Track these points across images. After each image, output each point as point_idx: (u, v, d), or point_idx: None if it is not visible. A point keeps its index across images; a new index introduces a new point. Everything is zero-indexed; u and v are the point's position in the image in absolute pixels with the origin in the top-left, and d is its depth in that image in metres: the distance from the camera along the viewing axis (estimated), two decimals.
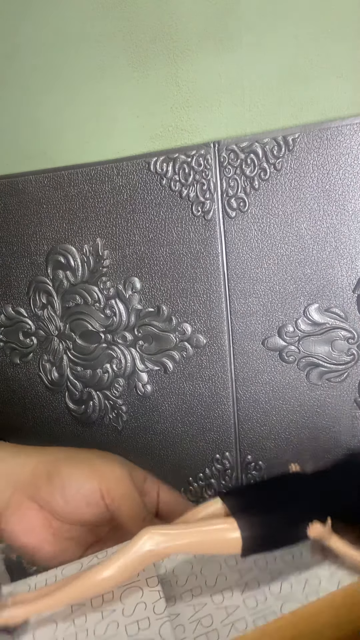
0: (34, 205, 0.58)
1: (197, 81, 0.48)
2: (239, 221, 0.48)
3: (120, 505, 0.33)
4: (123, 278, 0.55)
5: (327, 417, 0.49)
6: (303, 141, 0.44)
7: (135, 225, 0.53)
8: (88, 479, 0.33)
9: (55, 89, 0.55)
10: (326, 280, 0.46)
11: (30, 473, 0.34)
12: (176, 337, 0.54)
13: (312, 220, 0.45)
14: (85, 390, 0.62)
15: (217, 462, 0.56)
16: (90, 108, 0.54)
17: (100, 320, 0.58)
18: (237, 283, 0.50)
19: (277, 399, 0.51)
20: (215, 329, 0.52)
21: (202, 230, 0.50)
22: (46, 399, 0.65)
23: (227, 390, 0.53)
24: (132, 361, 0.58)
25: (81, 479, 0.33)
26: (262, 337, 0.50)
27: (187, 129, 0.50)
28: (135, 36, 0.50)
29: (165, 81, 0.50)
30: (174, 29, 0.48)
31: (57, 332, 0.62)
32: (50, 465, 0.34)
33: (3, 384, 0.68)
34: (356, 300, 0.45)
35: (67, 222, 0.57)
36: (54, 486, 0.33)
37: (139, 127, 0.52)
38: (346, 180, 0.43)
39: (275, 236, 0.47)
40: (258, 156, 0.46)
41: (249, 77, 0.46)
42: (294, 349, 0.49)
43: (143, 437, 0.60)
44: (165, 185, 0.50)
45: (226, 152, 0.47)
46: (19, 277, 0.62)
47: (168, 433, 0.58)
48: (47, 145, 0.58)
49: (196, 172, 0.48)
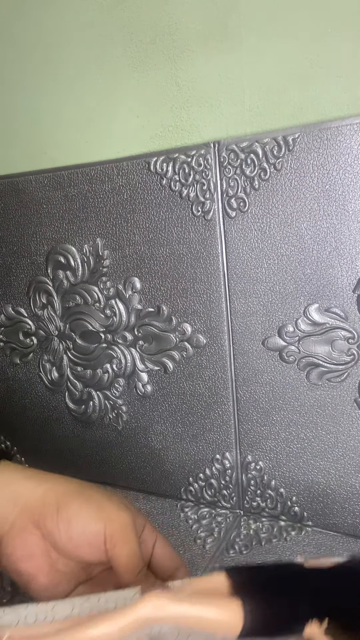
0: (34, 205, 0.58)
1: (197, 81, 0.48)
2: (239, 221, 0.48)
3: (120, 553, 0.33)
4: (123, 278, 0.55)
5: (327, 417, 0.49)
6: (303, 141, 0.44)
7: (135, 225, 0.53)
8: (95, 520, 0.33)
9: (55, 89, 0.55)
10: (326, 280, 0.46)
11: (39, 499, 0.34)
12: (176, 337, 0.54)
13: (312, 220, 0.45)
14: (85, 390, 0.62)
15: (217, 462, 0.56)
16: (90, 108, 0.54)
17: (100, 320, 0.58)
18: (237, 283, 0.50)
19: (277, 399, 0.51)
20: (215, 329, 0.52)
21: (202, 230, 0.50)
22: (46, 399, 0.65)
23: (227, 390, 0.53)
24: (132, 361, 0.58)
25: (88, 519, 0.33)
26: (262, 337, 0.50)
27: (187, 129, 0.50)
28: (135, 36, 0.50)
29: (165, 81, 0.50)
30: (174, 29, 0.48)
31: (57, 332, 0.62)
32: (60, 497, 0.34)
33: (3, 384, 0.68)
34: (356, 300, 0.45)
35: (67, 222, 0.57)
36: (61, 519, 0.33)
37: (139, 127, 0.52)
38: (346, 180, 0.43)
39: (275, 236, 0.47)
40: (258, 156, 0.46)
41: (249, 77, 0.46)
42: (294, 349, 0.49)
43: (143, 437, 0.60)
44: (165, 185, 0.50)
45: (226, 152, 0.47)
46: (19, 277, 0.62)
47: (168, 433, 0.58)
48: (47, 145, 0.58)
49: (196, 172, 0.48)
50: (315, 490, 0.52)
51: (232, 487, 0.56)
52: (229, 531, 0.54)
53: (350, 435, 0.48)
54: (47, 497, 0.34)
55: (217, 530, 0.54)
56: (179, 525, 0.55)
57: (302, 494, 0.53)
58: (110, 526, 0.33)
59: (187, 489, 0.59)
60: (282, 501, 0.54)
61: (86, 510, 0.33)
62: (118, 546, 0.32)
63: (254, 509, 0.56)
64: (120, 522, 0.33)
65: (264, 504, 0.55)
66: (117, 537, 0.32)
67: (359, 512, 0.50)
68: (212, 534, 0.53)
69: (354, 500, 0.50)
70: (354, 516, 0.50)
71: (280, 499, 0.54)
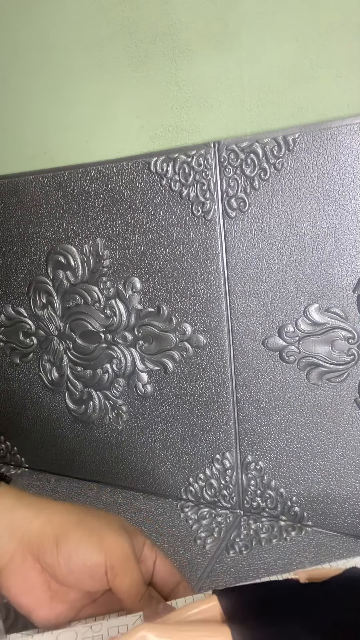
0: (34, 205, 0.58)
1: (197, 81, 0.48)
2: (239, 221, 0.48)
3: (121, 583, 0.32)
4: (123, 278, 0.55)
5: (327, 417, 0.49)
6: (303, 141, 0.44)
7: (135, 225, 0.53)
8: (96, 552, 0.32)
9: (55, 89, 0.55)
10: (326, 280, 0.46)
11: (37, 530, 0.33)
12: (176, 337, 0.54)
13: (312, 220, 0.45)
14: (85, 390, 0.62)
15: (217, 462, 0.56)
16: (91, 108, 0.54)
17: (100, 320, 0.58)
18: (237, 283, 0.50)
19: (277, 399, 0.51)
20: (216, 329, 0.52)
21: (202, 230, 0.50)
22: (46, 399, 0.65)
23: (227, 390, 0.53)
24: (132, 361, 0.58)
25: (88, 551, 0.33)
26: (262, 337, 0.50)
27: (187, 129, 0.50)
28: (135, 36, 0.50)
29: (165, 81, 0.50)
30: (174, 29, 0.48)
31: (57, 332, 0.62)
32: (59, 529, 0.33)
33: (3, 384, 0.68)
34: (356, 300, 0.45)
35: (67, 222, 0.57)
36: (60, 553, 0.32)
37: (139, 127, 0.52)
38: (346, 180, 0.43)
39: (275, 236, 0.47)
40: (258, 156, 0.46)
41: (249, 77, 0.46)
42: (294, 349, 0.49)
43: (143, 437, 0.60)
44: (165, 185, 0.50)
45: (226, 152, 0.47)
46: (19, 277, 0.62)
47: (168, 433, 0.58)
48: (47, 145, 0.58)
49: (196, 172, 0.48)
50: (315, 490, 0.52)
51: (232, 487, 0.56)
52: (229, 531, 0.54)
53: (350, 436, 0.48)
54: (46, 529, 0.33)
55: (217, 530, 0.54)
56: (179, 525, 0.55)
57: (302, 494, 0.53)
58: (111, 557, 0.32)
59: (187, 489, 0.59)
60: (282, 501, 0.54)
61: (86, 542, 0.33)
62: (119, 576, 0.32)
63: (254, 509, 0.56)
64: (121, 552, 0.33)
65: (264, 504, 0.55)
66: (118, 567, 0.32)
67: (359, 512, 0.50)
68: (212, 534, 0.53)
69: (354, 500, 0.50)
70: (354, 516, 0.50)
71: (280, 499, 0.54)
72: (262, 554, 0.50)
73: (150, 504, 0.60)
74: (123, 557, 0.33)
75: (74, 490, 0.65)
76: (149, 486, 0.61)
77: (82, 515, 0.35)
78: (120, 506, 0.60)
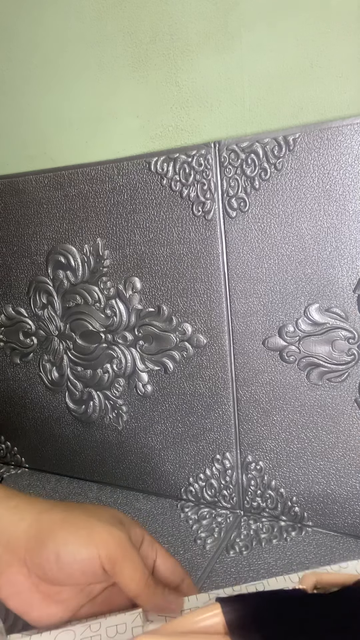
0: (34, 205, 0.58)
1: (197, 81, 0.48)
2: (240, 221, 0.48)
3: (122, 569, 0.32)
4: (123, 278, 0.55)
5: (328, 417, 0.49)
6: (303, 141, 0.44)
7: (135, 225, 0.53)
8: (84, 546, 0.32)
9: (55, 89, 0.55)
10: (326, 280, 0.46)
11: (23, 533, 0.33)
12: (176, 337, 0.54)
13: (313, 220, 0.45)
14: (85, 390, 0.62)
15: (217, 462, 0.56)
16: (91, 108, 0.54)
17: (101, 320, 0.58)
18: (237, 283, 0.50)
19: (277, 399, 0.51)
20: (216, 329, 0.52)
21: (202, 230, 0.50)
22: (46, 399, 0.65)
23: (227, 390, 0.53)
24: (132, 361, 0.57)
25: (77, 546, 0.32)
26: (262, 337, 0.50)
27: (187, 129, 0.50)
28: (135, 36, 0.50)
29: (165, 81, 0.50)
30: (174, 29, 0.48)
31: (58, 332, 0.62)
32: (45, 529, 0.33)
33: (3, 384, 0.68)
34: (356, 300, 0.45)
35: (67, 222, 0.57)
36: (48, 552, 0.32)
37: (139, 127, 0.52)
38: (346, 180, 0.43)
39: (275, 236, 0.47)
40: (258, 156, 0.46)
41: (249, 77, 0.46)
42: (294, 348, 0.49)
43: (143, 437, 0.60)
44: (165, 185, 0.50)
45: (227, 152, 0.47)
46: (19, 277, 0.62)
47: (168, 433, 0.58)
48: (47, 145, 0.58)
49: (197, 172, 0.48)
50: (316, 491, 0.52)
51: (232, 487, 0.56)
52: (229, 531, 0.54)
53: (350, 436, 0.48)
54: (31, 530, 0.33)
55: (218, 530, 0.54)
56: (179, 525, 0.55)
57: (302, 494, 0.53)
58: (105, 548, 0.32)
59: (187, 489, 0.59)
60: (282, 501, 0.54)
61: (73, 537, 0.32)
62: (118, 563, 0.32)
63: (254, 509, 0.56)
64: (114, 541, 0.32)
65: (264, 504, 0.55)
66: (114, 555, 0.32)
67: (359, 512, 0.50)
68: (212, 534, 0.53)
69: (354, 500, 0.50)
70: (354, 516, 0.50)
71: (280, 499, 0.54)
72: (262, 554, 0.50)
73: (151, 504, 0.60)
74: (117, 544, 0.32)
75: (74, 490, 0.65)
76: (149, 486, 0.61)
77: (68, 512, 0.34)
78: (120, 506, 0.60)
